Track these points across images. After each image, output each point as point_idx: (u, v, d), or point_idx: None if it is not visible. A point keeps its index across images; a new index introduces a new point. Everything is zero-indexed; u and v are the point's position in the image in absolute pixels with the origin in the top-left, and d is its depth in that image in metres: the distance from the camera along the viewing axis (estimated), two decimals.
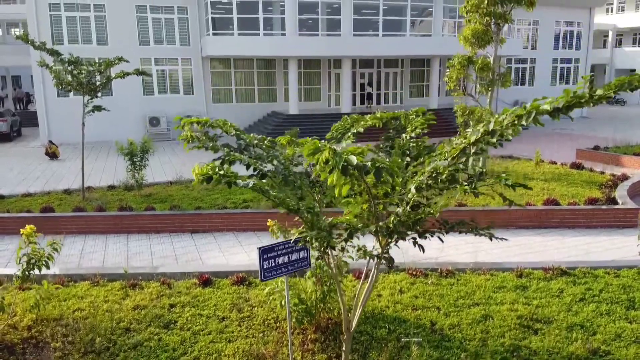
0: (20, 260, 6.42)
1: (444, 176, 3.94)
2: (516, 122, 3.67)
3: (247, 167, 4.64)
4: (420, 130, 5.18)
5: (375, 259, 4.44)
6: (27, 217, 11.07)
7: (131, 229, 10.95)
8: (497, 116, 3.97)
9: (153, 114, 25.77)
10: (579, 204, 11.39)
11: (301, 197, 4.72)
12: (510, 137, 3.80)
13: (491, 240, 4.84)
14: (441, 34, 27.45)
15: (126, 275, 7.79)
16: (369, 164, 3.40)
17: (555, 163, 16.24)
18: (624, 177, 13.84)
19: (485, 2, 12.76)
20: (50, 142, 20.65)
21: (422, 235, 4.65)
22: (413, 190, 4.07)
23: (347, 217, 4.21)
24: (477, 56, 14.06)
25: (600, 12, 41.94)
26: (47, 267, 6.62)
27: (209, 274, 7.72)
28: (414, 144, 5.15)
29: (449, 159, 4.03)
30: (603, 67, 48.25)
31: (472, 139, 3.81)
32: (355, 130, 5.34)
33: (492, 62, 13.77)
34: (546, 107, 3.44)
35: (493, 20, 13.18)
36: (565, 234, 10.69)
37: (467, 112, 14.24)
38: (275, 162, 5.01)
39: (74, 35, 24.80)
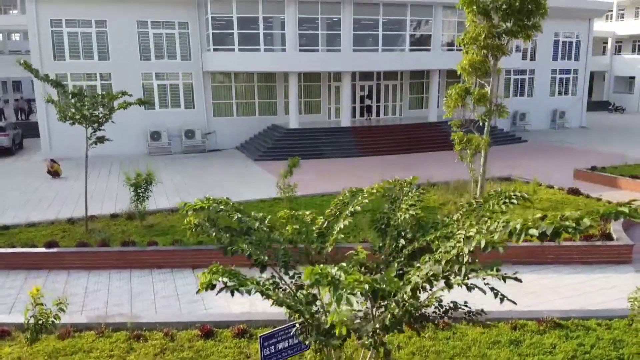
0: (28, 322, 6.65)
1: (438, 283, 4.14)
2: (507, 238, 3.88)
3: (249, 257, 4.84)
4: (414, 212, 5.36)
5: (371, 349, 4.64)
6: (32, 253, 11.29)
7: (134, 264, 11.13)
8: (488, 224, 4.17)
9: (154, 129, 25.94)
10: (574, 240, 11.57)
11: (301, 285, 4.92)
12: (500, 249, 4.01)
13: (483, 328, 5.04)
14: (440, 47, 27.61)
15: (130, 326, 7.97)
16: (366, 286, 3.59)
17: (552, 187, 16.42)
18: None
19: (483, 35, 12.92)
20: (52, 160, 20.80)
21: (417, 320, 4.85)
22: (409, 292, 4.27)
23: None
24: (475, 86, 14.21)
25: (599, 19, 42.00)
26: (54, 327, 6.85)
27: (210, 325, 7.91)
28: (409, 225, 5.33)
29: (443, 264, 4.22)
30: (602, 75, 48.41)
31: (466, 250, 4.00)
32: (352, 209, 5.52)
33: (489, 92, 13.93)
34: (535, 232, 3.63)
35: (490, 52, 13.33)
36: (560, 271, 10.88)
37: (464, 140, 14.40)
38: (275, 244, 5.23)
39: (75, 50, 24.95)
